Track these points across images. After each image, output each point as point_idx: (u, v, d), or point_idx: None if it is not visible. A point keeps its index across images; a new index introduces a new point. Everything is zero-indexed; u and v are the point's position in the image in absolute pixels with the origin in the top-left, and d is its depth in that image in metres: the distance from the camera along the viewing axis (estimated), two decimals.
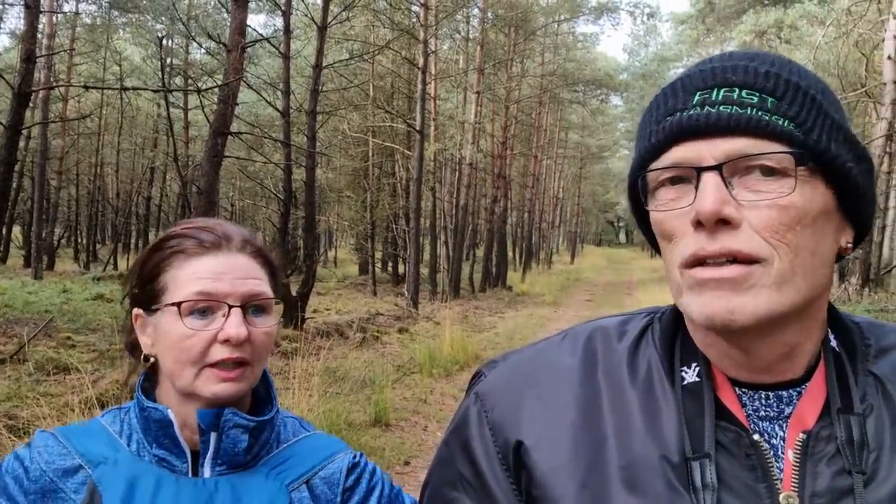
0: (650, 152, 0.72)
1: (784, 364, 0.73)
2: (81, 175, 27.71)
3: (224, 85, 6.80)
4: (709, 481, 0.69)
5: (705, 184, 0.66)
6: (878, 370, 0.75)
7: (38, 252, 19.30)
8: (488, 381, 0.85)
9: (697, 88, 0.71)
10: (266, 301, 1.03)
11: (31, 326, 9.71)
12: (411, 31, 17.57)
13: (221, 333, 0.97)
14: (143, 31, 24.81)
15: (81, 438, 1.02)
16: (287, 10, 10.93)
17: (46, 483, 0.98)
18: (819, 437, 0.71)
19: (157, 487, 0.98)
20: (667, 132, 0.70)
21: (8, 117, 5.87)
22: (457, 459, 0.83)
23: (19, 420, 5.15)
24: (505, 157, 24.81)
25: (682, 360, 0.77)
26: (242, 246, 1.04)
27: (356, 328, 11.23)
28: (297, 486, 1.04)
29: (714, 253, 0.66)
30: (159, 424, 1.00)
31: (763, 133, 0.67)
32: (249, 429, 1.01)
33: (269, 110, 18.74)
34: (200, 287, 0.99)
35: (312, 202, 11.45)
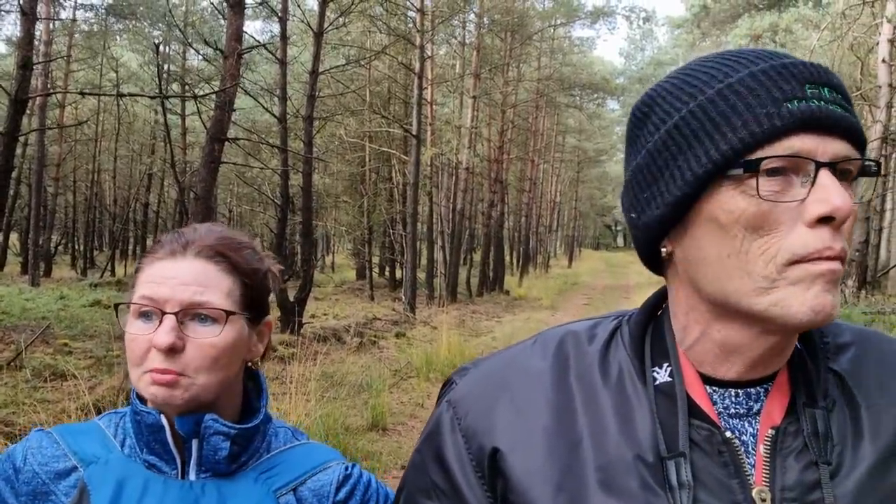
0: (768, 136, 0.67)
1: (777, 360, 0.74)
2: (78, 181, 27.69)
3: (221, 91, 6.82)
4: (684, 480, 0.70)
5: (827, 181, 0.66)
6: (838, 366, 0.77)
7: (36, 259, 19.28)
8: (460, 388, 0.85)
9: (807, 80, 0.68)
10: (210, 311, 0.98)
11: (29, 333, 9.71)
12: (407, 36, 17.62)
13: (152, 340, 0.96)
14: (140, 38, 24.87)
15: (77, 437, 1.02)
16: (283, 16, 10.97)
17: (38, 485, 0.98)
18: (787, 432, 0.72)
19: (145, 488, 0.98)
20: (794, 118, 0.66)
21: (4, 124, 5.88)
22: (429, 467, 0.82)
23: (16, 427, 5.15)
24: (502, 162, 24.85)
25: (654, 360, 0.78)
26: (200, 251, 1.00)
27: (353, 333, 11.24)
28: (284, 492, 1.03)
29: (838, 253, 0.66)
30: (151, 429, 0.99)
31: (855, 139, 0.68)
32: (231, 436, 1.00)
33: (266, 116, 18.78)
34: (144, 291, 0.98)
35: (309, 207, 11.47)
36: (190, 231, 1.05)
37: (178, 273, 0.99)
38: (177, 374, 0.96)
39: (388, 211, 21.15)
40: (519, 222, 33.31)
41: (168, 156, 27.05)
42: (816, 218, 0.65)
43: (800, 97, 0.67)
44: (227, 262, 1.02)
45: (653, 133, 0.74)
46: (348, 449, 5.56)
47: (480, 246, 26.68)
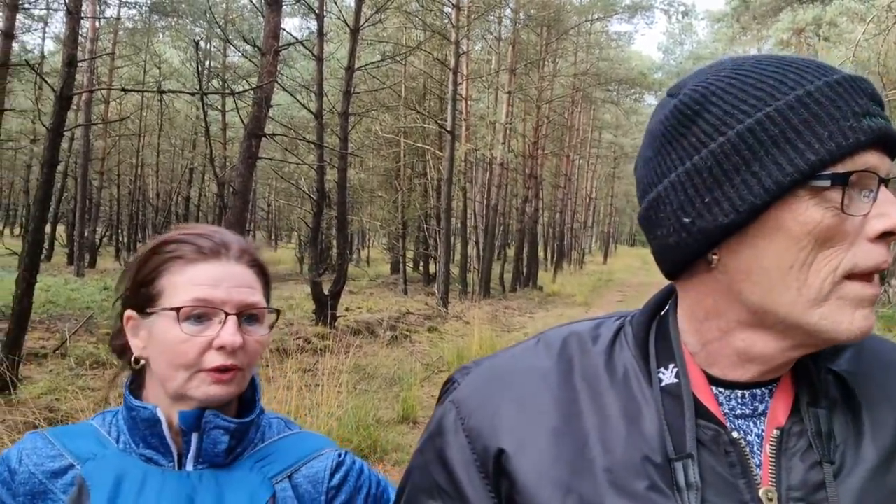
0: (851, 149, 0.67)
1: (788, 366, 0.76)
2: (122, 175, 28.39)
3: (258, 87, 6.95)
4: (692, 481, 0.70)
5: (886, 196, 0.67)
6: (838, 367, 0.78)
7: (81, 250, 19.84)
8: (463, 387, 0.84)
9: (869, 96, 0.69)
10: (260, 311, 1.05)
11: (73, 322, 10.03)
12: (443, 32, 17.66)
13: (217, 340, 0.99)
14: (181, 35, 25.33)
15: (71, 438, 1.05)
16: (320, 13, 11.10)
17: (36, 485, 1.01)
18: (791, 432, 0.73)
19: (144, 481, 1.01)
20: (874, 134, 0.67)
21: (51, 120, 6.08)
22: (432, 468, 0.82)
23: (59, 413, 5.35)
24: (536, 157, 24.75)
25: (659, 361, 0.78)
26: (240, 255, 1.05)
27: (386, 326, 11.36)
28: (279, 479, 1.06)
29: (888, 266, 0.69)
30: (147, 423, 1.02)
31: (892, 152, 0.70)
32: (230, 430, 1.03)
33: (303, 112, 19.01)
34: (198, 294, 1.00)
35: (344, 202, 11.61)
36: (217, 233, 1.09)
37: (228, 276, 1.03)
38: (241, 369, 1.02)
39: (422, 206, 21.24)
40: (553, 218, 33.14)
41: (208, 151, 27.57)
42: (880, 233, 0.67)
43: (871, 113, 0.68)
44: (258, 266, 1.09)
45: (711, 134, 0.71)
46: (378, 441, 5.65)
47: (514, 242, 26.62)
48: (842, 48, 18.19)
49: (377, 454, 5.52)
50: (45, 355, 8.04)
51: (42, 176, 6.12)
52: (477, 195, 21.83)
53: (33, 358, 7.88)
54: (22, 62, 11.51)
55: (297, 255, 26.39)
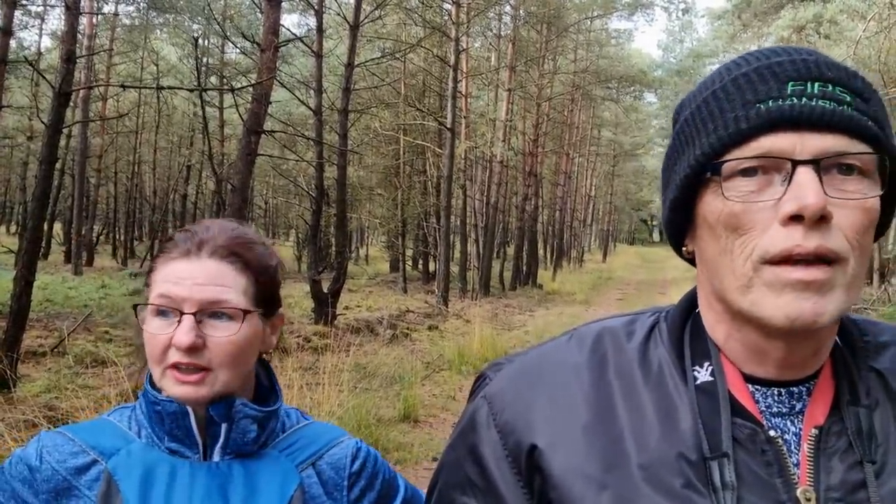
0: (734, 138, 0.69)
1: (812, 361, 0.74)
2: (119, 173, 28.31)
3: (258, 84, 6.90)
4: (728, 480, 0.69)
5: (803, 178, 0.65)
6: (880, 365, 0.76)
7: (78, 248, 19.78)
8: (495, 383, 0.84)
9: (790, 78, 0.69)
10: (228, 309, 1.01)
11: (71, 321, 9.97)
12: (443, 28, 17.59)
13: (172, 339, 0.98)
14: (179, 32, 25.25)
15: (91, 433, 1.04)
16: (320, 9, 11.04)
17: (59, 482, 0.99)
18: (830, 432, 0.72)
19: (173, 473, 1.00)
20: (761, 119, 0.68)
21: (49, 116, 6.02)
22: (464, 463, 0.82)
23: (58, 411, 5.30)
24: (536, 155, 24.70)
25: (694, 359, 0.77)
26: (214, 251, 1.03)
27: (386, 325, 11.31)
28: (305, 466, 1.08)
29: (810, 251, 0.65)
30: (174, 416, 1.01)
31: (856, 132, 0.67)
32: (258, 419, 1.04)
33: (301, 109, 18.94)
34: (162, 290, 1.01)
35: (343, 199, 11.55)
36: (202, 230, 1.07)
37: (194, 273, 1.01)
38: (202, 369, 0.99)
39: (421, 204, 21.19)
40: (553, 216, 33.10)
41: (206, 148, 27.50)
42: (786, 216, 0.65)
43: (776, 97, 0.68)
44: (241, 261, 1.05)
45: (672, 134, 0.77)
46: (380, 440, 5.60)
47: (514, 240, 26.60)
48: (843, 46, 18.16)
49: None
50: (43, 353, 7.98)
51: (40, 173, 6.07)
52: (476, 193, 21.78)
53: (31, 356, 7.82)
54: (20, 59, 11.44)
55: (295, 253, 26.31)
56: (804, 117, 0.66)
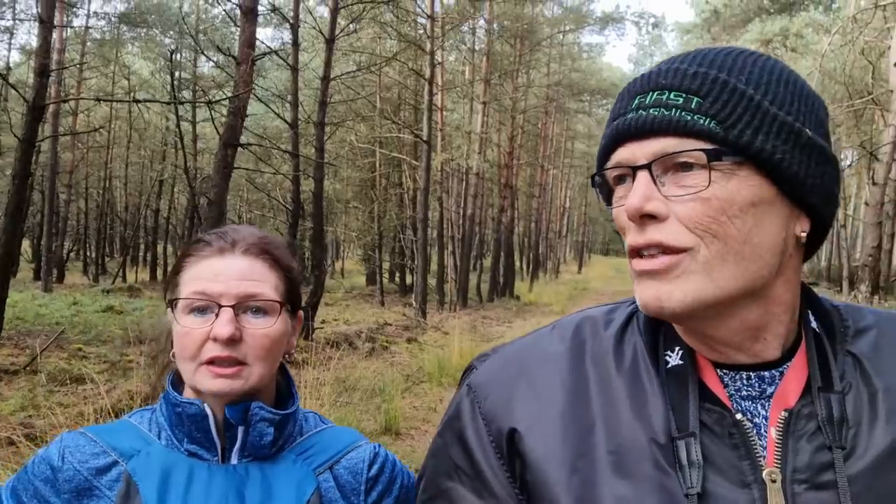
0: (601, 154, 0.78)
1: (754, 345, 0.76)
2: (90, 188, 27.90)
3: (235, 97, 6.87)
4: (694, 459, 0.71)
5: (637, 182, 0.71)
6: (857, 349, 0.78)
7: (49, 265, 19.41)
8: (480, 372, 0.87)
9: (637, 93, 0.75)
10: (264, 302, 1.04)
11: (43, 338, 9.77)
12: (418, 42, 17.68)
13: (211, 332, 1.00)
14: (151, 46, 25.04)
15: (112, 435, 1.05)
16: (295, 23, 11.03)
17: (81, 482, 1.00)
18: (800, 414, 0.73)
19: (191, 475, 1.01)
20: (610, 135, 0.76)
21: (22, 131, 5.94)
22: (451, 450, 0.84)
23: (36, 429, 5.19)
24: (511, 167, 24.86)
25: (666, 344, 0.80)
26: (247, 249, 1.06)
27: (365, 338, 11.25)
28: (322, 471, 1.08)
29: (642, 244, 0.72)
30: (193, 419, 1.03)
31: (685, 132, 0.70)
32: (275, 422, 1.05)
33: (276, 122, 18.87)
34: (197, 287, 1.03)
35: (320, 213, 11.50)
36: (232, 231, 1.10)
37: (230, 269, 1.04)
38: (238, 363, 1.01)
39: (398, 216, 21.18)
40: (529, 228, 33.28)
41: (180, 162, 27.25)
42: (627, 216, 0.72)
43: (624, 112, 0.75)
44: (271, 259, 1.08)
45: None
46: None
47: (490, 251, 26.68)
48: (809, 59, 18.57)
49: None
50: (15, 372, 7.81)
51: (13, 188, 5.97)
52: (453, 205, 21.83)
53: (3, 375, 7.65)
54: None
55: None
56: (635, 127, 0.73)
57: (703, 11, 28.57)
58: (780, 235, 0.73)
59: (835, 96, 19.48)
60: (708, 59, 0.75)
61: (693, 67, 0.73)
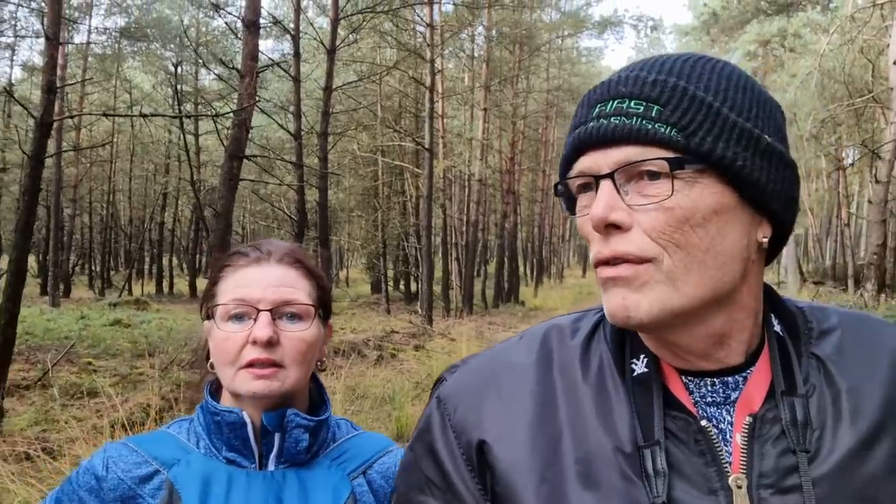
0: (563, 163, 0.78)
1: (718, 352, 0.75)
2: (94, 202, 28.02)
3: (241, 110, 6.93)
4: (660, 468, 0.71)
5: (601, 191, 0.71)
6: (820, 351, 0.78)
7: (55, 280, 19.49)
8: (449, 384, 0.86)
9: (597, 101, 0.74)
10: (299, 307, 1.09)
11: (54, 353, 9.82)
12: (418, 51, 17.77)
13: (251, 335, 1.04)
14: (153, 59, 25.18)
15: (153, 445, 1.09)
16: (296, 34, 11.12)
17: (125, 491, 1.04)
18: (765, 419, 0.73)
19: (230, 482, 1.04)
20: (571, 144, 0.75)
21: (30, 147, 5.99)
22: (422, 463, 0.83)
23: (52, 443, 5.23)
24: (513, 173, 24.92)
25: (632, 352, 0.79)
26: (282, 258, 1.12)
27: (373, 346, 11.29)
28: (356, 475, 1.11)
29: (607, 256, 0.71)
30: (232, 427, 1.06)
31: (646, 140, 0.70)
32: (310, 428, 1.08)
33: (279, 133, 18.95)
34: (236, 294, 1.08)
35: (326, 222, 11.56)
36: (266, 243, 1.16)
37: (267, 276, 1.10)
38: (276, 365, 1.05)
39: (401, 224, 21.24)
40: (532, 233, 33.32)
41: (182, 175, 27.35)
42: (592, 226, 0.72)
43: (584, 122, 0.74)
44: (304, 268, 1.14)
45: None
46: None
47: (494, 257, 26.71)
48: (808, 58, 18.60)
49: None
50: (27, 387, 7.86)
51: (23, 203, 6.03)
52: (456, 212, 21.89)
53: (15, 390, 7.69)
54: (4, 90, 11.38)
55: None
56: (596, 136, 0.72)
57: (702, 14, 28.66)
58: (743, 242, 0.73)
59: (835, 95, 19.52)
60: (667, 67, 0.74)
61: (652, 75, 0.73)
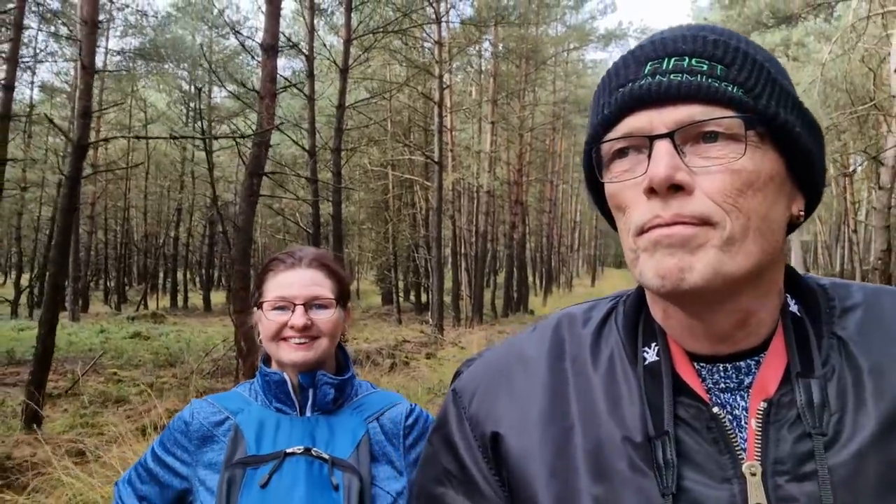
0: (603, 124, 0.72)
1: (740, 333, 0.72)
2: (109, 219, 28.57)
3: (265, 131, 7.32)
4: (669, 458, 0.69)
5: (658, 151, 0.66)
6: (842, 331, 0.74)
7: (74, 295, 19.96)
8: (465, 377, 0.88)
9: (648, 59, 0.71)
10: (324, 300, 1.46)
11: (79, 364, 10.22)
12: (427, 67, 18.20)
13: (290, 323, 1.42)
14: (168, 79, 25.76)
15: (225, 399, 1.50)
16: (310, 55, 11.54)
17: (205, 431, 1.44)
18: (780, 403, 0.70)
19: (278, 424, 1.43)
20: (619, 102, 0.70)
21: (68, 169, 6.39)
22: (441, 456, 0.84)
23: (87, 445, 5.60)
24: (521, 184, 25.27)
25: (644, 340, 0.78)
26: (310, 263, 1.48)
27: (386, 355, 11.62)
28: (371, 420, 1.46)
29: (668, 220, 0.66)
30: (277, 384, 1.45)
31: (713, 99, 0.67)
32: (334, 385, 1.46)
33: (291, 149, 19.41)
34: (278, 293, 1.46)
35: (340, 235, 11.94)
36: (299, 251, 1.54)
37: (301, 279, 1.48)
38: (311, 338, 1.44)
39: (411, 236, 21.61)
40: (540, 243, 33.60)
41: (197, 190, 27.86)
42: (645, 190, 0.67)
43: (633, 79, 0.70)
44: (328, 269, 1.52)
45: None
46: None
47: (503, 267, 27.01)
48: (810, 68, 18.88)
49: None
50: (58, 395, 8.25)
51: (61, 221, 6.42)
52: (465, 223, 22.24)
53: (47, 398, 8.08)
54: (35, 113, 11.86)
55: None
56: (655, 93, 0.68)
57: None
58: (786, 214, 0.71)
59: (838, 103, 19.76)
60: (718, 31, 0.72)
61: (713, 35, 0.70)
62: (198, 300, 29.34)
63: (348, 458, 1.41)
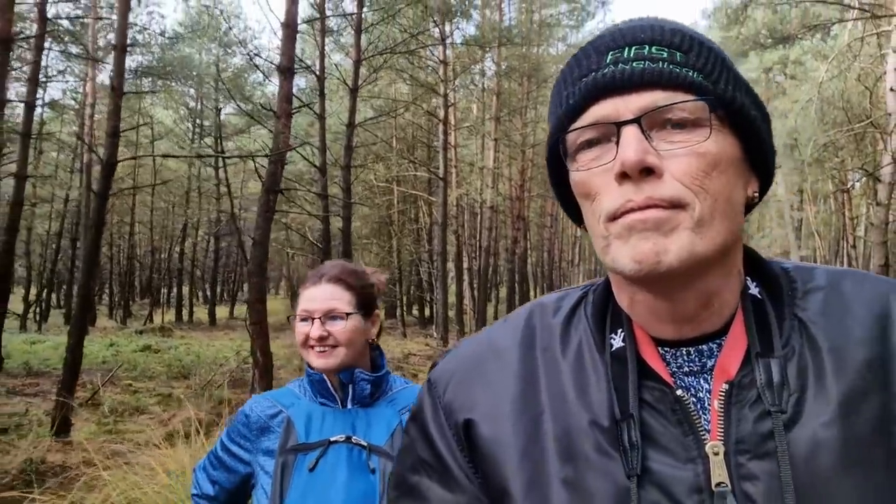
0: (569, 114, 0.73)
1: (704, 313, 0.74)
2: (114, 235, 28.89)
3: (283, 151, 7.62)
4: (634, 440, 0.70)
5: (626, 136, 0.67)
6: (803, 312, 0.75)
7: None
8: (440, 367, 0.89)
9: (609, 48, 0.72)
10: (339, 313, 1.66)
11: (101, 375, 10.46)
12: (432, 86, 18.58)
13: (310, 333, 1.65)
14: (176, 96, 26.15)
15: (278, 395, 1.73)
16: (321, 75, 11.89)
17: (262, 423, 1.68)
18: (741, 384, 0.71)
19: (323, 416, 1.66)
20: (583, 91, 0.71)
21: (98, 186, 6.69)
22: (417, 445, 0.85)
23: (121, 449, 5.86)
24: (523, 200, 25.58)
25: (612, 327, 0.79)
26: (330, 279, 1.69)
27: (393, 368, 11.87)
28: (403, 411, 1.66)
29: (641, 203, 0.67)
30: (319, 382, 1.69)
31: (675, 84, 0.69)
32: (370, 381, 1.68)
33: (299, 165, 19.75)
34: (303, 306, 1.68)
35: (349, 250, 12.22)
36: (322, 267, 1.77)
37: (321, 293, 1.70)
38: (330, 346, 1.67)
39: (415, 251, 21.91)
40: (542, 257, 33.88)
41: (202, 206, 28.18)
42: (616, 175, 0.68)
43: (596, 69, 0.71)
44: (345, 284, 1.73)
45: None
46: None
47: (505, 281, 27.28)
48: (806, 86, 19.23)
49: None
50: (80, 405, 8.50)
51: (91, 237, 6.72)
52: (468, 238, 22.55)
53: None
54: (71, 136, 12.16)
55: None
56: (619, 81, 0.69)
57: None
58: (743, 195, 0.73)
59: (835, 120, 20.09)
60: (671, 21, 0.74)
61: (668, 25, 0.73)
62: (202, 314, 29.59)
63: (384, 445, 1.61)
